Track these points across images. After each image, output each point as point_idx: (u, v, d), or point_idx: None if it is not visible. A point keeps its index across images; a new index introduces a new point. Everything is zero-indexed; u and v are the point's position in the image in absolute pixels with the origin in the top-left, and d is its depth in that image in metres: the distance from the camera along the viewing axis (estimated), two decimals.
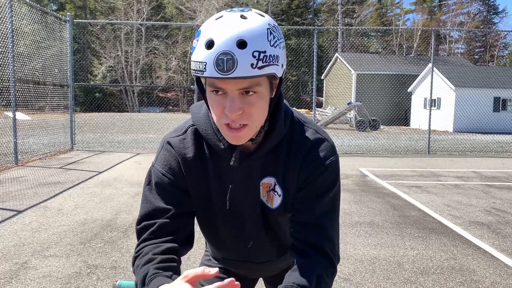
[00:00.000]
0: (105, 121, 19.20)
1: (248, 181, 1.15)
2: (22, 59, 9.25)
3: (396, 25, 54.47)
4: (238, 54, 0.90)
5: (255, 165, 1.13)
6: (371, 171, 8.76)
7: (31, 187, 6.44)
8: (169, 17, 47.81)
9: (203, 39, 0.94)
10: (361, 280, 3.31)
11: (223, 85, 0.95)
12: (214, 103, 0.99)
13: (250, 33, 0.92)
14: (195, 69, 0.96)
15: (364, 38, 48.69)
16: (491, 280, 3.36)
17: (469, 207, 5.74)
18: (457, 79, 23.66)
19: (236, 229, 1.23)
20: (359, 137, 16.94)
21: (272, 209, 1.17)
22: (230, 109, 0.96)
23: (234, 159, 1.09)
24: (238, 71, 0.91)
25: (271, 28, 0.96)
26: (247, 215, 1.19)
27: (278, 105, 1.11)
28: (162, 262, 1.01)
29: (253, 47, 0.91)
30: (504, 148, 14.01)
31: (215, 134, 1.11)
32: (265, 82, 0.99)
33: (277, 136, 1.10)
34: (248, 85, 0.95)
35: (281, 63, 0.98)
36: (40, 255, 3.65)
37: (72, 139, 11.51)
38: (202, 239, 4.19)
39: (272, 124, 1.09)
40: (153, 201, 1.13)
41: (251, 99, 0.97)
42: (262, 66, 0.93)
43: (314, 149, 1.12)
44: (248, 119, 0.99)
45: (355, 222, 4.92)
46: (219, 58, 0.90)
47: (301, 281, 1.01)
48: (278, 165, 1.13)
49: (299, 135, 1.13)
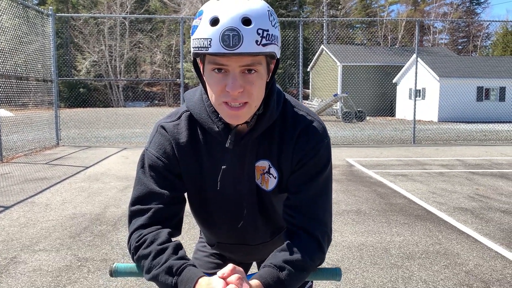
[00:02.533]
0: (90, 117, 19.02)
1: (242, 164, 1.17)
2: (4, 55, 9.09)
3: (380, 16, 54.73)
4: (243, 31, 0.93)
5: (249, 148, 1.15)
6: (358, 161, 8.86)
7: (17, 183, 6.38)
8: (153, 10, 47.32)
9: (207, 16, 0.96)
10: (349, 266, 3.38)
11: (226, 61, 0.97)
12: (215, 82, 1.01)
13: (254, 12, 0.95)
14: (198, 46, 0.98)
15: (349, 29, 48.84)
16: (474, 262, 3.46)
17: (453, 194, 5.86)
18: (441, 69, 23.93)
19: (230, 211, 1.24)
20: (346, 128, 17.07)
21: (267, 191, 1.20)
22: (232, 86, 0.98)
23: (230, 141, 1.11)
24: (243, 46, 0.93)
25: (270, 11, 1.00)
26: (242, 196, 1.21)
27: (271, 89, 1.13)
28: (176, 250, 1.04)
29: (257, 25, 0.95)
30: (487, 137, 14.26)
31: (209, 117, 1.12)
32: (264, 62, 1.02)
33: (270, 118, 1.12)
34: (251, 62, 0.98)
35: (279, 45, 1.02)
36: (29, 250, 3.64)
37: (57, 134, 11.38)
38: (192, 230, 4.20)
39: (266, 107, 1.11)
40: (147, 184, 1.14)
41: (251, 78, 1.00)
42: (266, 43, 0.96)
43: (306, 130, 1.14)
44: (249, 97, 1.01)
45: (342, 210, 4.99)
46: (225, 34, 0.93)
47: (281, 259, 1.02)
48: (272, 148, 1.16)
49: (292, 118, 1.16)
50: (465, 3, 57.18)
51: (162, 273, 0.99)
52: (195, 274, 0.97)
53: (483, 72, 23.84)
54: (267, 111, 1.11)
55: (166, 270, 0.99)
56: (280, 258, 1.03)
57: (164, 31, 43.35)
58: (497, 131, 15.66)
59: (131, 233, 1.11)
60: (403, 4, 57.46)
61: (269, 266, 1.02)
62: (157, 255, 1.02)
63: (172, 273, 0.98)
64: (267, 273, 1.00)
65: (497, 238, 4.04)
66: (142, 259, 1.05)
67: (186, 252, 1.06)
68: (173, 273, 0.98)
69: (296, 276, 1.03)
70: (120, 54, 42.83)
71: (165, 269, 0.99)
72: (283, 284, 1.00)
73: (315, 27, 46.82)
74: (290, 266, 1.02)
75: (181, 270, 0.98)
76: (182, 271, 0.98)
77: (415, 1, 57.38)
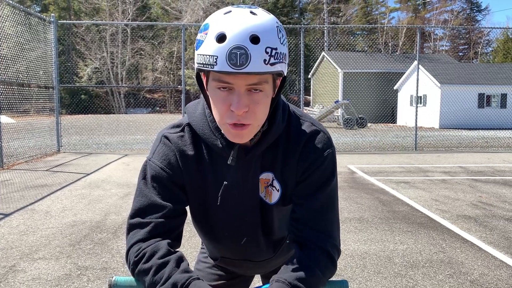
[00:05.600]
0: (91, 123, 19.03)
1: (245, 178, 1.14)
2: (6, 62, 9.11)
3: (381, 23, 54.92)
4: (251, 49, 0.89)
5: (253, 162, 1.12)
6: (360, 168, 8.83)
7: (17, 190, 6.35)
8: (154, 17, 47.51)
9: (213, 32, 0.92)
10: (352, 275, 3.33)
11: (232, 80, 0.94)
12: (219, 100, 0.98)
13: (263, 29, 0.91)
14: (203, 62, 0.94)
15: (350, 36, 48.99)
16: (479, 272, 3.41)
17: (456, 202, 5.81)
18: (442, 76, 23.95)
19: (232, 226, 1.21)
20: (347, 135, 17.03)
21: (271, 204, 1.17)
22: (238, 105, 0.94)
23: (232, 158, 1.08)
24: (251, 66, 0.90)
25: (279, 27, 0.96)
26: (244, 212, 1.18)
27: (277, 104, 1.10)
28: (179, 263, 1.00)
29: (266, 43, 0.91)
30: (489, 143, 14.22)
31: (213, 133, 1.09)
32: (270, 80, 0.98)
33: (275, 134, 1.10)
34: (257, 81, 0.94)
35: (287, 61, 0.98)
36: (28, 258, 3.60)
37: (58, 141, 11.37)
38: (193, 238, 4.15)
39: (271, 123, 1.09)
40: (149, 195, 1.10)
41: (257, 97, 0.97)
42: (274, 63, 0.92)
43: (311, 141, 1.12)
44: (253, 118, 0.98)
45: (344, 218, 4.95)
46: (232, 52, 0.89)
47: (295, 277, 1.00)
48: (276, 160, 1.13)
49: (296, 129, 1.13)
50: (465, 10, 57.42)
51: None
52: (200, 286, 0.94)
53: (484, 79, 23.85)
54: (272, 127, 1.09)
55: (170, 287, 0.95)
56: (293, 275, 1.00)
57: (166, 38, 43.49)
58: (499, 138, 15.61)
59: (129, 247, 1.07)
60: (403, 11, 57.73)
61: (283, 282, 0.99)
62: (158, 270, 0.98)
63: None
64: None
65: (501, 246, 4.00)
66: (142, 274, 1.01)
67: (189, 264, 1.03)
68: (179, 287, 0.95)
69: None
70: (121, 61, 42.95)
71: (170, 286, 0.95)
72: None
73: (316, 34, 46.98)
74: (303, 284, 0.99)
75: (187, 285, 0.95)
76: (187, 286, 0.94)
77: (415, 8, 57.63)
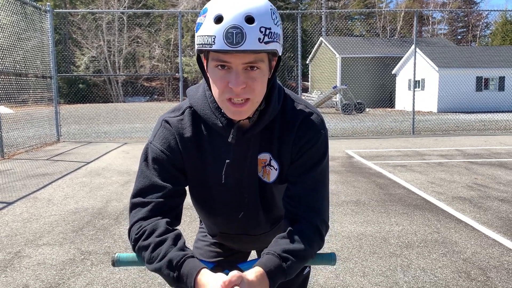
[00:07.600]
0: (90, 112, 19.04)
1: (244, 157, 1.21)
2: (2, 52, 9.10)
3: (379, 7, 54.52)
4: (246, 29, 0.97)
5: (251, 142, 1.19)
6: (357, 152, 8.90)
7: (19, 179, 6.43)
8: (150, 4, 47.12)
9: (211, 14, 0.99)
10: (349, 255, 3.43)
11: (230, 58, 1.01)
12: (218, 78, 1.05)
13: (257, 10, 0.99)
14: (202, 43, 1.01)
15: (348, 21, 48.65)
16: (472, 250, 3.51)
17: (452, 184, 5.90)
18: (440, 59, 23.90)
19: (232, 202, 1.28)
20: (345, 120, 17.08)
21: (269, 182, 1.24)
22: (235, 82, 1.02)
23: (232, 136, 1.15)
24: (246, 44, 0.97)
25: (273, 9, 1.03)
26: (244, 189, 1.25)
27: (273, 85, 1.17)
28: (176, 240, 1.06)
29: (260, 23, 0.98)
30: (486, 126, 14.29)
31: (213, 113, 1.16)
32: (266, 60, 1.06)
33: (271, 113, 1.17)
34: (253, 59, 1.02)
35: (281, 42, 1.06)
36: (33, 244, 3.69)
37: (57, 130, 11.42)
38: (193, 223, 4.24)
39: (268, 103, 1.16)
40: (150, 176, 1.17)
41: (254, 74, 1.04)
42: (268, 41, 1.00)
43: (305, 122, 1.19)
44: (251, 93, 1.05)
45: (341, 201, 5.04)
46: (229, 32, 0.96)
47: (284, 249, 1.06)
48: (273, 141, 1.20)
49: (291, 111, 1.21)
50: None
51: (164, 267, 1.02)
52: (195, 267, 0.99)
53: (482, 62, 23.82)
54: (269, 107, 1.16)
55: (166, 264, 1.02)
56: (282, 246, 1.07)
57: (162, 26, 43.18)
58: (496, 120, 15.68)
59: (131, 225, 1.14)
60: None
61: (272, 254, 1.05)
62: (156, 247, 1.05)
63: (173, 267, 1.01)
64: (270, 261, 1.03)
65: (494, 226, 4.09)
66: (142, 250, 1.08)
67: (186, 241, 1.09)
68: (174, 267, 1.01)
69: (297, 264, 1.07)
70: (118, 49, 42.72)
71: (166, 263, 1.02)
72: (284, 272, 1.03)
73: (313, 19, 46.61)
74: (291, 255, 1.06)
75: (181, 263, 1.01)
76: (182, 264, 1.01)
77: None
